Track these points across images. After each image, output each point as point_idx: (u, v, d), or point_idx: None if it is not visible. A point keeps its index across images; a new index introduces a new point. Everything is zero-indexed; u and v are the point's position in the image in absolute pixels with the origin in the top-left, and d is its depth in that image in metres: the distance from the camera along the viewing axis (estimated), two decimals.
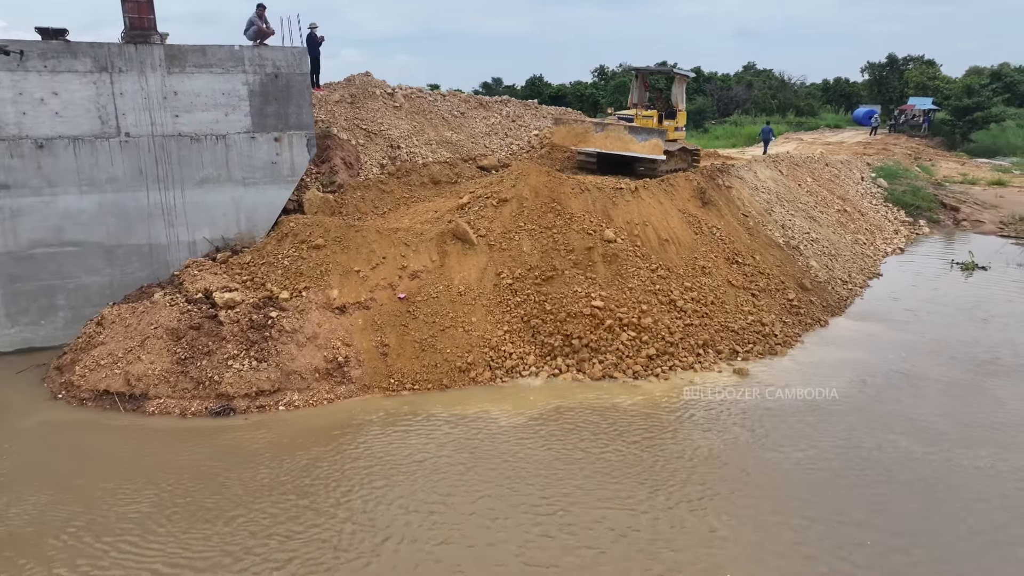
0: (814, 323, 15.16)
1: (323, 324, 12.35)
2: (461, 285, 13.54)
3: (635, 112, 20.36)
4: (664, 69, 22.52)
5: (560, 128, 19.37)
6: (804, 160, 25.23)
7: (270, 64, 14.72)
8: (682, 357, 12.96)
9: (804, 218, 19.58)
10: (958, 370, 12.71)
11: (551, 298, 13.47)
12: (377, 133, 18.01)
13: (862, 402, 11.40)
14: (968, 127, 48.07)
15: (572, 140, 19.02)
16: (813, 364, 12.94)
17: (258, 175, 15.03)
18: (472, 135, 20.16)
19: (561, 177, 15.44)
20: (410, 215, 15.83)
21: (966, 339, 14.28)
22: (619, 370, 12.55)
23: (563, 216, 14.80)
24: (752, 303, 14.67)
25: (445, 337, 12.69)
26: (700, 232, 15.79)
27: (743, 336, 13.78)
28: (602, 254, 14.33)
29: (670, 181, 16.72)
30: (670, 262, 14.74)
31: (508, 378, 12.36)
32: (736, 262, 15.48)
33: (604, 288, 13.73)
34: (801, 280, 16.19)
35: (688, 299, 13.99)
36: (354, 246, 13.53)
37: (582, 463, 9.59)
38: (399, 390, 11.92)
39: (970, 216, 26.92)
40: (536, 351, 12.80)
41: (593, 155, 19.22)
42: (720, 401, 11.45)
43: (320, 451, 9.92)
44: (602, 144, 18.59)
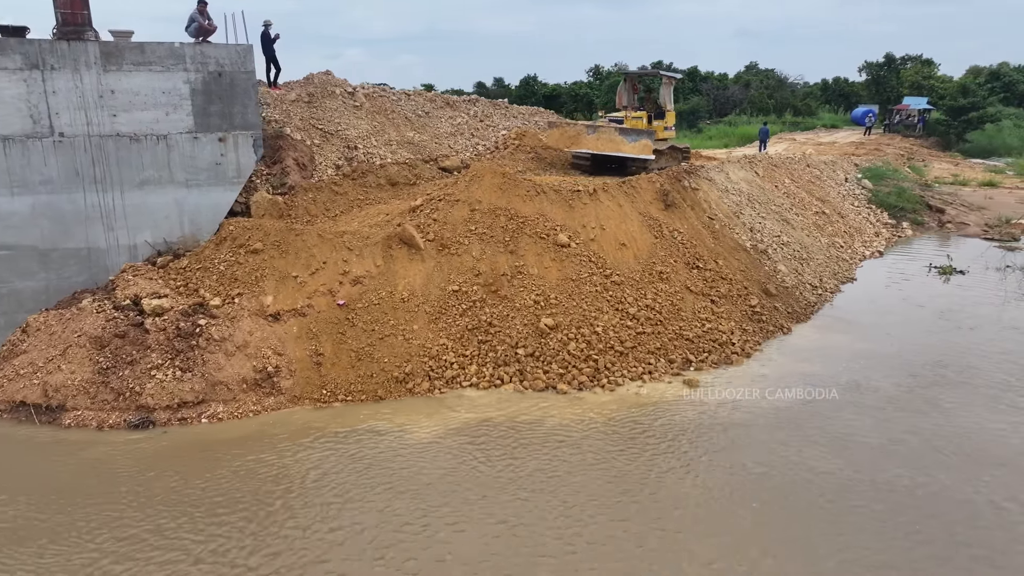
0: (776, 330, 14.64)
1: (255, 332, 11.87)
2: (405, 291, 13.06)
3: (625, 114, 20.66)
4: (652, 72, 22.89)
5: (554, 131, 19.67)
6: (783, 161, 24.70)
7: (213, 62, 14.24)
8: (632, 367, 12.46)
9: (776, 220, 19.06)
10: (912, 382, 12.16)
11: (497, 305, 12.99)
12: (334, 133, 17.54)
13: (798, 416, 10.83)
14: (963, 127, 47.46)
15: (565, 142, 19.40)
16: (764, 376, 12.42)
17: (202, 176, 14.56)
18: (436, 135, 19.68)
19: (516, 179, 14.94)
20: (360, 218, 15.36)
21: (929, 347, 13.75)
22: (564, 381, 12.05)
23: (515, 220, 14.31)
24: (711, 310, 14.16)
25: (384, 346, 12.21)
26: (660, 236, 15.28)
27: (698, 345, 13.27)
28: (554, 259, 13.84)
29: (632, 183, 16.21)
30: (626, 267, 14.23)
31: (447, 388, 11.87)
32: (697, 267, 14.96)
33: (554, 294, 13.24)
34: (766, 285, 15.67)
35: (642, 306, 13.49)
36: (293, 251, 13.05)
37: (470, 482, 9.08)
38: (331, 401, 11.44)
39: (955, 218, 26.35)
40: (479, 360, 12.31)
41: (587, 156, 19.74)
42: (655, 415, 10.92)
43: (201, 468, 9.44)
44: (594, 146, 18.97)
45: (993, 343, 14.06)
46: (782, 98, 71.20)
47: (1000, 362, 13.04)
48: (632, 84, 22.18)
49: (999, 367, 12.81)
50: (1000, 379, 12.27)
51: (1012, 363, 12.96)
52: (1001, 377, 12.36)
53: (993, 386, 12.00)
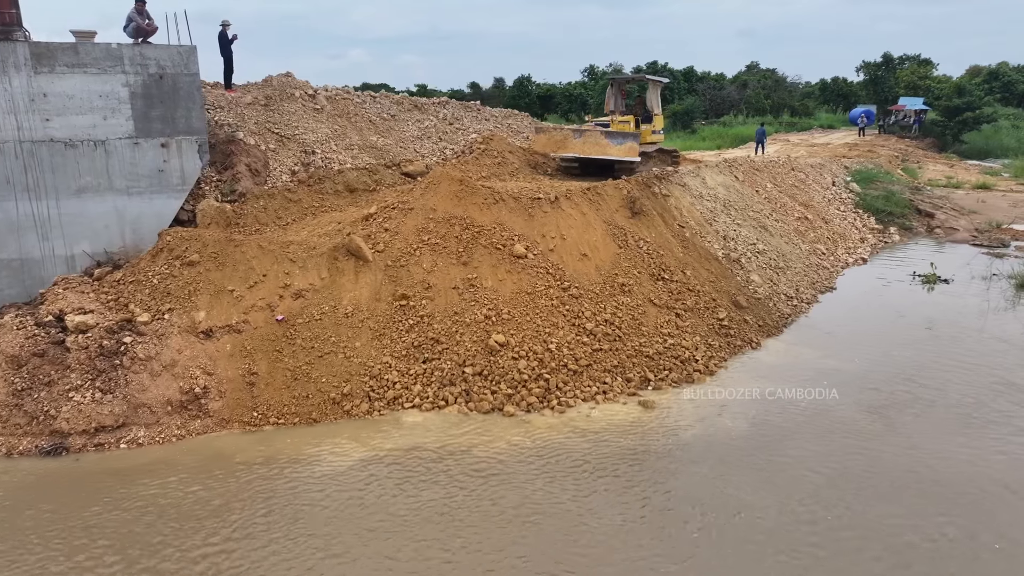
0: (745, 345, 13.96)
1: (184, 350, 11.22)
2: (350, 306, 12.41)
3: (611, 118, 20.60)
4: (638, 76, 23.06)
5: (541, 136, 19.75)
6: (766, 164, 24.01)
7: (153, 64, 13.62)
8: (585, 386, 11.79)
9: (753, 227, 18.38)
10: (877, 400, 11.43)
11: (446, 320, 12.33)
12: (291, 137, 16.89)
13: (748, 444, 9.97)
14: (959, 128, 46.70)
15: (552, 146, 19.45)
16: (722, 397, 11.70)
17: (143, 184, 13.94)
18: (402, 139, 19.01)
19: (473, 187, 14.28)
20: (311, 227, 14.71)
21: (902, 362, 13.05)
22: (512, 402, 11.38)
23: (471, 230, 13.65)
24: (675, 324, 13.49)
25: (323, 364, 11.56)
26: (625, 246, 14.61)
27: (658, 362, 12.59)
28: (509, 271, 13.18)
29: (597, 190, 15.54)
30: (586, 279, 13.57)
31: (388, 410, 11.21)
32: (662, 278, 14.29)
33: (507, 309, 12.58)
34: (736, 297, 14.99)
35: (600, 321, 12.82)
36: (231, 263, 12.40)
37: (370, 517, 8.39)
38: (262, 424, 10.79)
39: (944, 223, 25.64)
40: (423, 380, 11.65)
41: (575, 159, 19.80)
42: (597, 442, 10.17)
43: (83, 499, 8.77)
44: (580, 149, 18.99)
45: (970, 356, 13.37)
46: (779, 98, 70.54)
47: (975, 378, 12.35)
48: (619, 88, 22.18)
49: (973, 384, 12.12)
50: (972, 399, 11.58)
51: (987, 380, 12.27)
52: (973, 396, 11.66)
53: (963, 406, 11.30)
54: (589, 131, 19.21)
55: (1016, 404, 11.40)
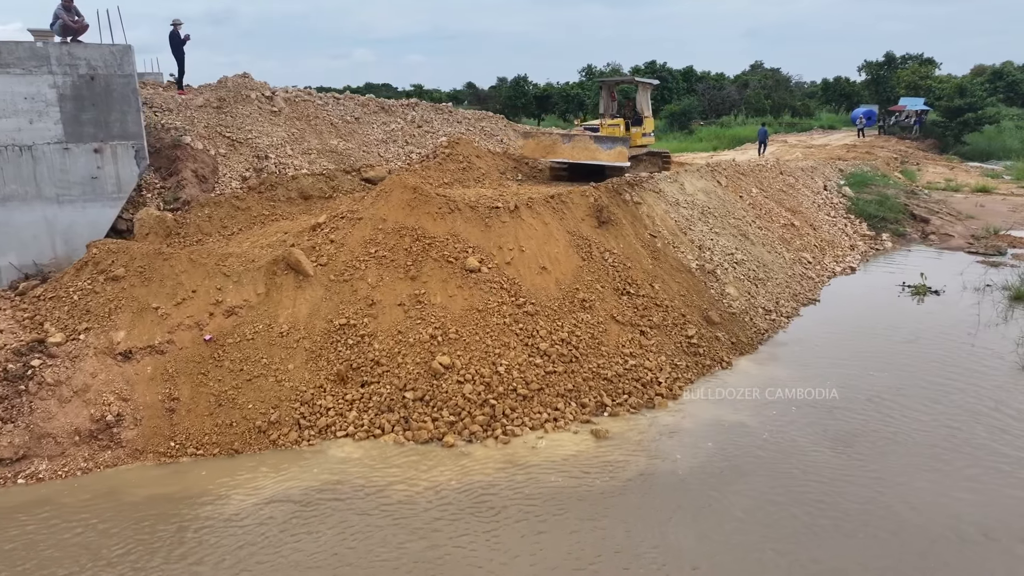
0: (715, 364, 13.08)
1: (98, 374, 10.40)
2: (286, 324, 11.57)
3: (601, 122, 20.26)
4: (628, 78, 22.71)
5: (529, 141, 19.34)
6: (752, 168, 23.09)
7: (84, 64, 12.79)
8: (535, 413, 10.92)
9: (732, 236, 17.47)
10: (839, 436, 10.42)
11: (388, 340, 11.48)
12: (243, 141, 16.05)
13: (693, 485, 9.07)
14: (960, 129, 45.62)
15: (541, 152, 19.03)
16: (680, 427, 10.82)
17: (75, 191, 13.13)
18: (365, 143, 18.16)
19: (427, 195, 13.42)
20: (255, 237, 13.88)
21: (875, 387, 12.11)
22: (454, 431, 10.52)
23: (422, 241, 12.80)
24: (638, 343, 12.61)
25: (251, 389, 10.72)
26: (589, 258, 13.73)
27: (617, 385, 11.72)
28: (460, 286, 12.32)
29: (563, 198, 14.66)
30: (544, 295, 12.70)
31: (319, 439, 10.37)
32: (627, 293, 13.41)
33: (455, 327, 11.72)
34: (708, 312, 14.10)
35: (556, 340, 11.95)
36: (158, 278, 11.56)
37: (243, 567, 7.58)
38: (179, 456, 9.95)
39: (940, 229, 24.68)
40: (360, 406, 10.81)
41: (565, 165, 19.49)
42: (531, 479, 9.28)
43: None
44: (569, 154, 18.65)
45: (953, 377, 12.47)
46: (779, 98, 69.53)
47: (955, 402, 11.44)
48: (609, 91, 21.83)
49: (951, 409, 11.22)
50: (947, 427, 10.67)
51: (968, 405, 11.36)
52: (949, 424, 10.76)
53: (938, 436, 10.40)
54: (578, 136, 18.88)
55: (992, 432, 10.50)
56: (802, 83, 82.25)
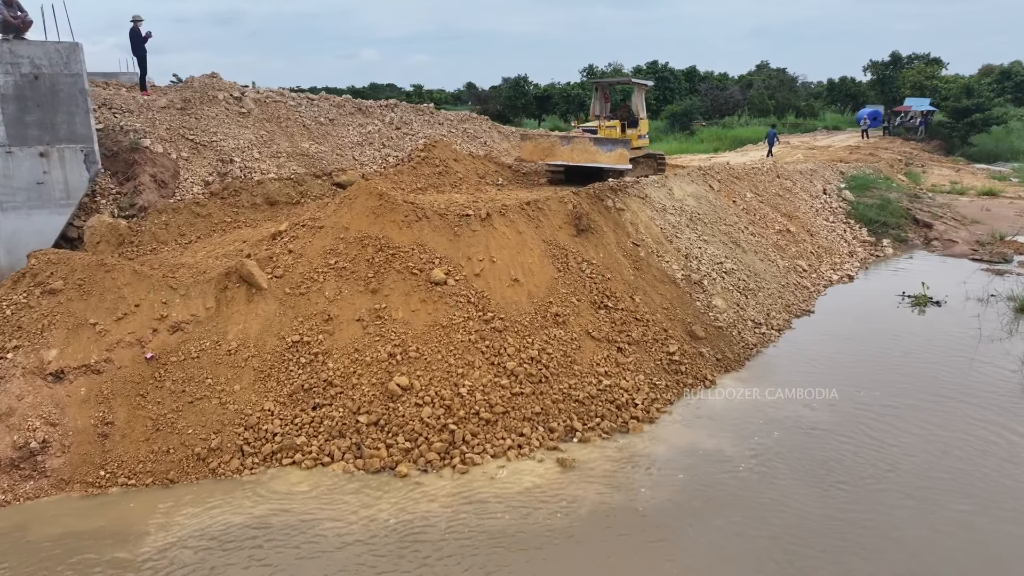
0: (697, 383, 12.26)
1: (25, 396, 9.66)
2: (235, 341, 10.81)
3: (598, 123, 19.84)
4: (622, 79, 22.07)
5: (527, 143, 18.82)
6: (747, 172, 22.24)
7: (27, 63, 12.08)
8: (499, 439, 10.14)
9: (723, 243, 16.65)
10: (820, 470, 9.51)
11: (344, 359, 10.72)
12: (207, 144, 15.32)
13: (647, 526, 8.29)
14: (967, 130, 44.60)
15: (539, 154, 18.56)
16: (650, 456, 10.01)
17: (20, 198, 12.42)
18: (339, 146, 17.41)
19: (393, 202, 12.65)
20: (212, 247, 13.14)
21: (865, 411, 11.27)
22: (409, 459, 9.75)
23: (386, 251, 12.04)
24: (615, 361, 11.81)
25: (192, 412, 9.97)
26: (565, 269, 12.94)
27: (590, 408, 10.93)
28: (424, 300, 11.55)
29: (539, 204, 13.87)
30: (515, 309, 11.92)
31: (263, 467, 9.61)
32: (605, 306, 12.61)
33: (416, 345, 10.95)
34: (692, 327, 13.29)
35: (525, 359, 11.16)
36: (99, 291, 10.82)
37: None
38: (108, 486, 9.21)
39: (943, 234, 23.77)
40: (309, 430, 10.04)
41: (562, 168, 18.99)
42: (477, 518, 8.46)
43: None
44: (568, 157, 18.17)
45: (950, 399, 11.64)
46: (784, 98, 68.52)
47: (950, 426, 10.61)
48: (603, 92, 21.35)
49: (946, 435, 10.39)
50: (943, 460, 9.84)
51: (965, 432, 10.52)
52: (941, 455, 9.93)
53: (929, 469, 9.57)
54: (578, 138, 18.38)
55: (993, 461, 9.68)
56: (808, 83, 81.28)
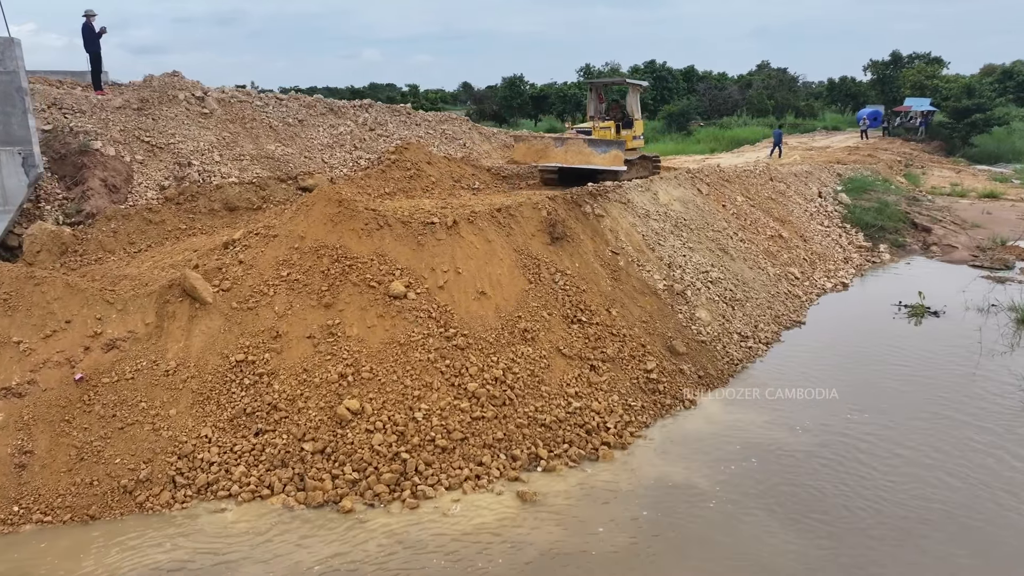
0: (676, 403, 11.46)
1: None
2: (174, 360, 10.02)
3: (593, 124, 19.48)
4: (616, 80, 21.88)
5: (520, 145, 18.74)
6: (739, 175, 21.43)
7: None
8: (455, 469, 9.33)
9: (709, 251, 15.84)
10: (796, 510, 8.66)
11: (291, 380, 9.92)
12: (164, 147, 14.52)
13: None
14: (968, 130, 43.77)
15: (533, 156, 18.39)
16: (614, 491, 9.17)
17: None
18: (308, 148, 16.60)
19: (353, 209, 11.86)
20: (161, 256, 12.34)
21: (853, 435, 10.47)
22: (356, 491, 8.95)
23: (342, 262, 11.24)
24: (587, 380, 11.01)
25: (122, 439, 9.17)
26: (537, 280, 12.14)
27: (557, 433, 10.12)
28: (381, 315, 10.75)
29: (511, 211, 13.07)
30: (480, 324, 11.11)
31: (196, 500, 8.82)
32: (578, 320, 11.81)
33: (370, 364, 10.15)
34: (673, 341, 12.48)
35: (488, 379, 10.36)
36: (25, 306, 10.03)
37: None
38: (21, 523, 8.40)
39: (942, 239, 22.95)
40: (250, 459, 9.24)
41: (555, 170, 18.52)
42: (409, 561, 7.69)
43: None
44: (562, 159, 17.94)
45: (943, 420, 10.83)
46: (783, 98, 67.69)
47: (952, 460, 9.80)
48: (597, 93, 20.97)
49: (949, 470, 9.57)
50: (937, 493, 9.03)
51: (971, 463, 9.71)
52: (940, 490, 9.12)
53: (921, 513, 8.76)
54: (572, 140, 18.13)
55: (995, 495, 8.85)
56: (809, 83, 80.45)
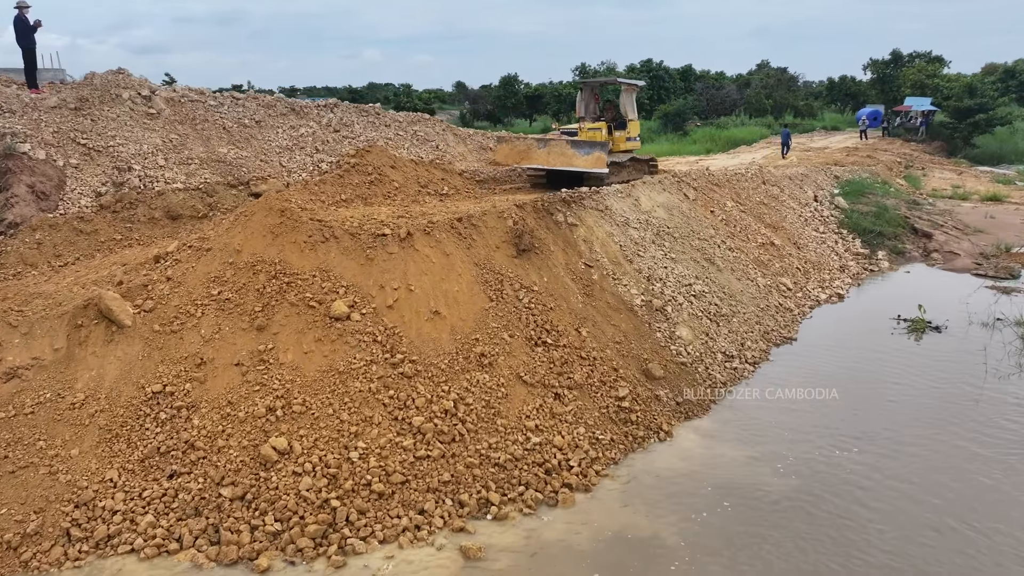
0: (650, 435, 10.36)
1: None
2: (83, 392, 8.94)
3: (579, 125, 18.80)
4: (610, 79, 20.89)
5: (503, 146, 18.13)
6: (729, 178, 20.32)
7: None
8: (392, 518, 8.23)
9: (694, 262, 14.73)
10: (768, 567, 7.77)
11: (214, 414, 8.82)
12: (102, 150, 13.43)
13: None
14: (970, 130, 42.68)
15: (516, 158, 17.86)
16: (564, 543, 8.09)
17: None
18: (265, 151, 15.50)
19: (297, 220, 10.76)
20: (83, 271, 11.24)
21: (835, 479, 9.39)
22: (276, 545, 7.86)
23: (280, 279, 10.15)
24: (549, 411, 9.91)
25: (12, 484, 8.09)
26: (499, 298, 11.04)
27: (512, 473, 9.02)
28: (320, 339, 9.66)
29: (474, 221, 11.97)
30: (432, 349, 10.02)
31: (93, 555, 7.74)
32: (543, 343, 10.71)
33: (303, 396, 9.05)
34: (649, 364, 11.38)
35: (436, 412, 9.26)
36: None
37: None
38: None
39: (944, 246, 21.83)
40: (160, 507, 8.14)
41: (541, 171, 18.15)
42: None
43: None
44: (545, 160, 17.46)
45: (953, 459, 9.72)
46: (781, 97, 66.62)
47: (955, 505, 8.71)
48: (592, 92, 20.23)
49: (952, 516, 8.48)
50: (938, 551, 7.94)
51: (978, 511, 8.62)
52: (942, 545, 8.03)
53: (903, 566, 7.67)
54: (554, 141, 17.56)
55: (1006, 553, 7.75)
56: (809, 83, 79.38)
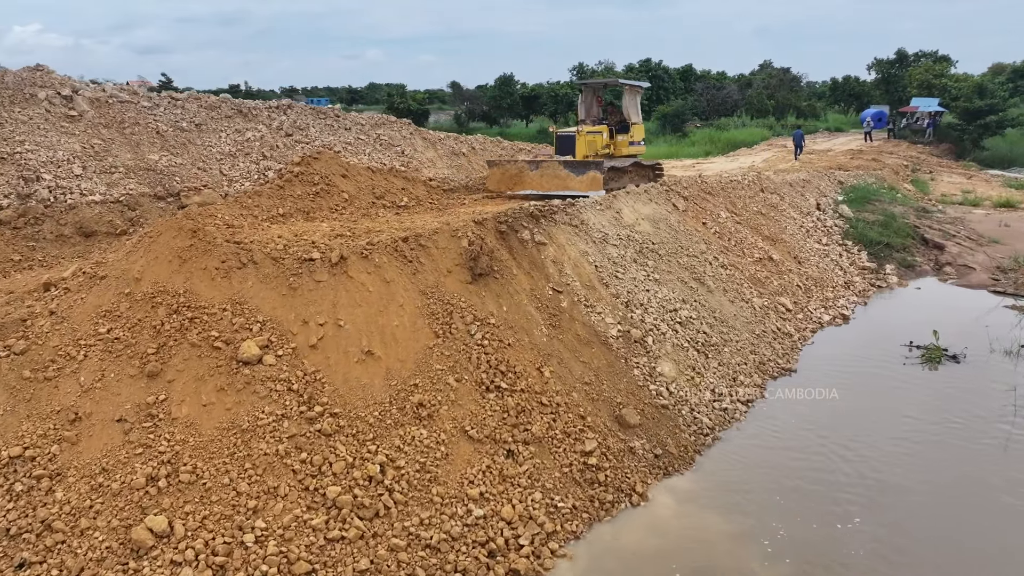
0: (621, 499, 8.76)
1: None
2: None
3: (578, 129, 17.40)
4: (611, 81, 19.78)
5: (494, 171, 16.99)
6: (724, 185, 18.70)
7: None
8: None
9: (682, 282, 13.12)
10: None
11: (82, 485, 7.24)
12: (6, 157, 11.85)
13: None
14: (979, 132, 41.04)
15: (508, 182, 16.72)
16: None
17: None
18: (204, 157, 13.90)
19: (210, 242, 9.17)
20: None
21: (835, 559, 7.78)
22: None
23: (183, 314, 8.56)
24: (499, 473, 8.31)
25: None
26: (447, 333, 9.44)
27: (447, 557, 7.42)
28: (223, 388, 8.06)
29: (421, 241, 10.35)
30: (361, 398, 8.42)
31: None
32: (496, 387, 9.11)
33: (194, 461, 7.46)
34: (622, 410, 9.78)
35: (358, 479, 7.67)
36: None
37: None
38: None
39: (956, 259, 20.18)
40: None
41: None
42: None
43: None
44: (538, 184, 16.40)
45: (977, 526, 8.11)
46: (783, 98, 64.98)
47: None
48: (594, 94, 19.16)
49: None
50: None
51: None
52: None
53: None
54: (546, 163, 16.58)
55: None
56: (812, 83, 77.77)
